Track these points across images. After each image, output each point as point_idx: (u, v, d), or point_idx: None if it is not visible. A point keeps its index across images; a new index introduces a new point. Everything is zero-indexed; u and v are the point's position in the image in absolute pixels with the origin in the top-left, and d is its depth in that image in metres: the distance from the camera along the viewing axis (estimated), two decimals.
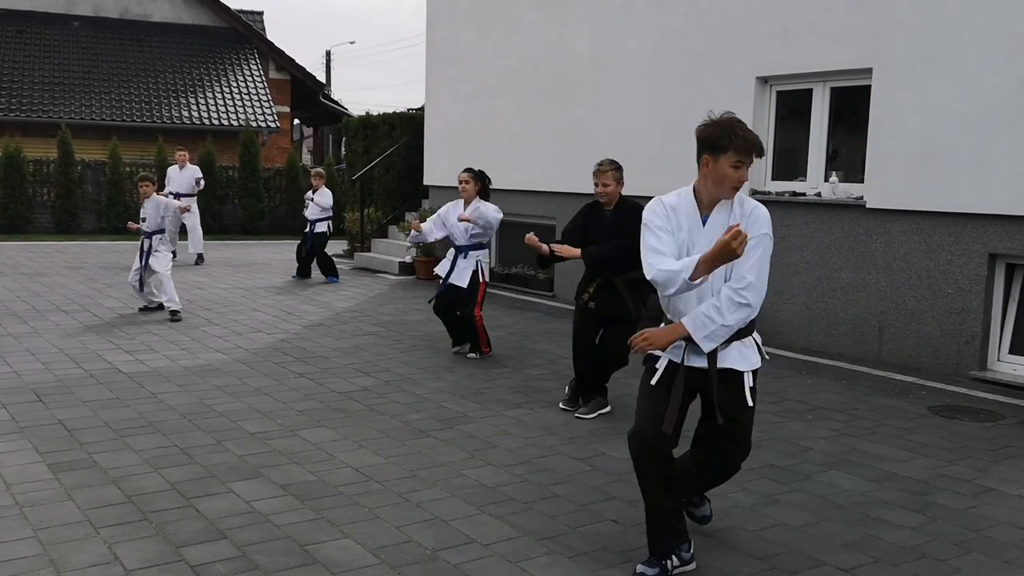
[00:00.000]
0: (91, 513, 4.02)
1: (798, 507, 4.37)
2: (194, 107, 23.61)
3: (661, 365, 3.59)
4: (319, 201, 12.33)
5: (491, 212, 7.57)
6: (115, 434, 5.21)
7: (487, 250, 7.87)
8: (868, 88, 7.86)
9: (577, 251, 6.01)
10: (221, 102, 24.05)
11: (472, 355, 7.70)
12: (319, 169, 13.54)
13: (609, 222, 5.97)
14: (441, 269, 7.79)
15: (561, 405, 6.15)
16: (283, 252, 16.43)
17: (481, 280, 7.62)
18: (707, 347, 3.43)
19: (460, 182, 7.75)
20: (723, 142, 3.42)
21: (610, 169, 5.99)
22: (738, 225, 3.19)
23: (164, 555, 3.62)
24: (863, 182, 7.95)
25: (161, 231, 9.43)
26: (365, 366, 7.22)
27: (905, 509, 4.38)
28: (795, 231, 8.29)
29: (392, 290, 11.73)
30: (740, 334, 3.51)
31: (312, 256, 12.48)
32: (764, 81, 8.70)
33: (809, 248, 8.25)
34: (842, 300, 8.06)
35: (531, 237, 6.27)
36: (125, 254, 14.76)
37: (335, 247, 14.07)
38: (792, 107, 8.75)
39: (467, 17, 12.62)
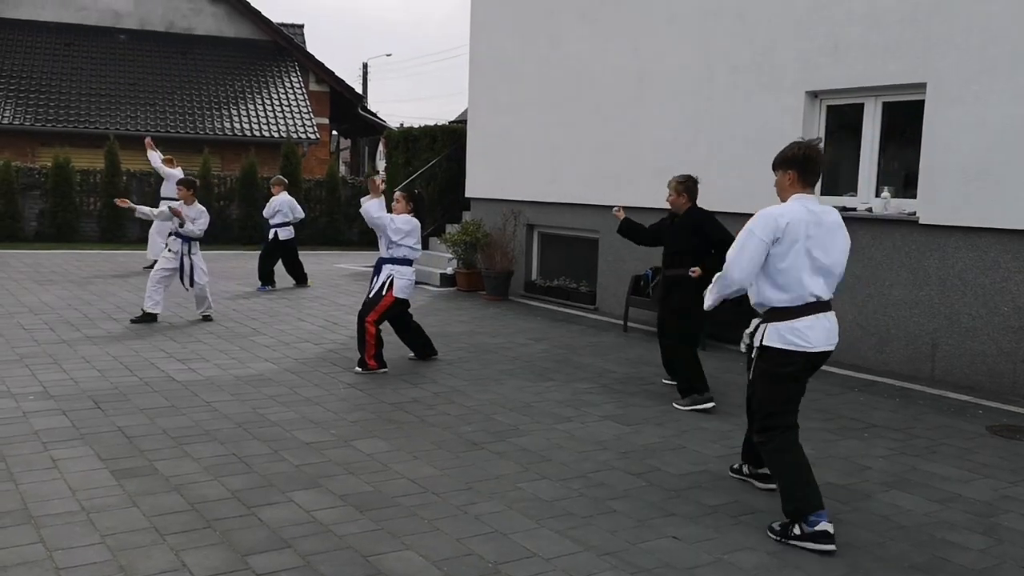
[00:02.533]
0: (156, 520, 4.07)
1: (861, 527, 4.31)
2: (236, 119, 23.92)
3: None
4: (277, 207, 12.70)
5: (372, 211, 7.36)
6: (173, 442, 5.27)
7: (409, 269, 7.50)
8: (921, 103, 7.78)
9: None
10: (263, 114, 24.34)
11: (358, 369, 7.33)
12: (280, 176, 13.59)
13: (673, 227, 6.84)
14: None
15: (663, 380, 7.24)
16: (324, 263, 16.56)
17: (386, 293, 7.35)
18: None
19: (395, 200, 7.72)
20: None
21: (674, 182, 6.77)
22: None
23: (231, 563, 3.65)
24: (915, 197, 7.87)
25: (195, 239, 9.60)
26: (413, 377, 7.24)
27: (971, 531, 4.31)
28: None
29: (435, 301, 11.77)
30: (763, 317, 4.26)
31: (281, 264, 12.73)
32: (814, 95, 8.64)
33: (860, 264, 8.16)
34: (894, 317, 7.96)
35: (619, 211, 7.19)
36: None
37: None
38: (842, 121, 8.69)
39: (510, 30, 12.68)
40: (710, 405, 6.48)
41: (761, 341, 4.24)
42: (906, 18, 7.79)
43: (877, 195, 8.21)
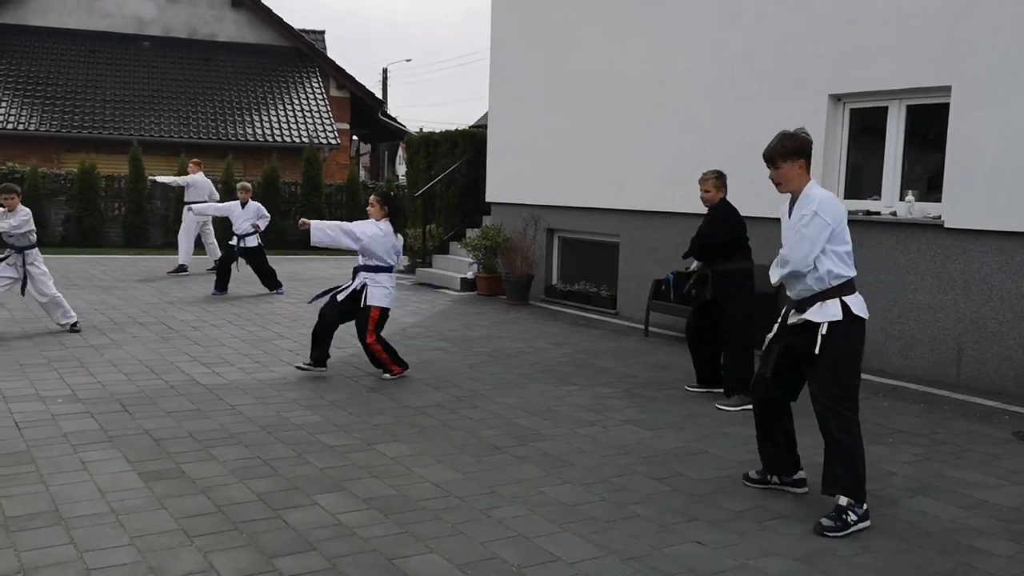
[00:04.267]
0: (184, 522, 4.11)
1: (888, 533, 4.29)
2: (258, 124, 24.11)
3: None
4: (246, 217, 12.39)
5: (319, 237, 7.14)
6: (199, 445, 5.32)
7: (385, 275, 7.29)
8: (946, 106, 7.73)
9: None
10: (284, 119, 24.52)
11: (387, 375, 7.31)
12: (245, 183, 13.23)
13: (709, 221, 6.94)
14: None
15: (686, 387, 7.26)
16: (344, 267, 16.59)
17: (365, 304, 7.19)
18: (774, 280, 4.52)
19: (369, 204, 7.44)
20: None
21: (711, 178, 6.94)
22: None
23: (258, 565, 3.69)
24: (940, 201, 7.82)
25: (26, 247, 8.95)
26: (435, 381, 7.27)
27: (999, 537, 4.28)
28: (869, 251, 8.16)
29: (455, 306, 11.81)
30: (824, 294, 4.34)
31: (260, 271, 12.50)
32: (837, 99, 8.61)
33: (883, 268, 8.11)
34: (918, 321, 7.91)
35: None
36: (192, 268, 15.08)
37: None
38: (865, 125, 8.65)
39: (531, 37, 12.71)
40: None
41: (836, 316, 4.32)
42: (931, 21, 7.75)
43: (901, 199, 8.17)
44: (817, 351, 4.32)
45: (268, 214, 12.82)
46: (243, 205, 12.51)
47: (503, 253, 12.79)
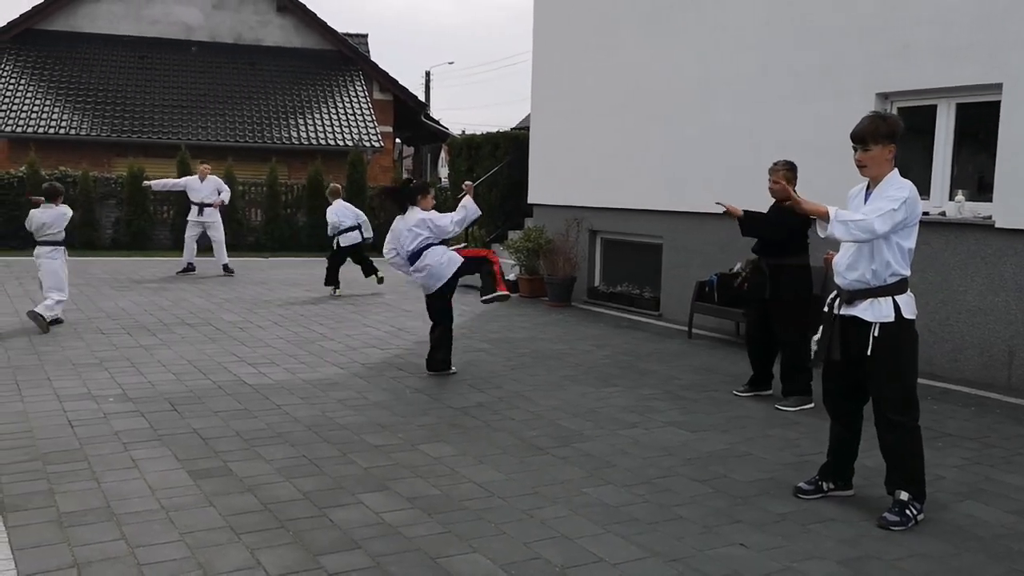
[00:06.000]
0: (232, 519, 4.18)
1: (936, 537, 4.23)
2: (303, 128, 24.38)
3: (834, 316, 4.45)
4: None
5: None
6: (246, 444, 5.41)
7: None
8: (997, 104, 7.59)
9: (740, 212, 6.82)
10: (328, 123, 24.76)
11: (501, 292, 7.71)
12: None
13: (777, 213, 6.77)
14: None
15: (735, 392, 7.14)
16: (388, 269, 16.73)
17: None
18: (830, 229, 4.19)
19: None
20: None
21: (782, 169, 6.78)
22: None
23: (304, 563, 3.74)
24: (991, 201, 7.67)
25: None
26: (478, 382, 7.30)
27: None
28: (917, 251, 7.85)
29: (497, 308, 11.80)
30: (877, 291, 4.28)
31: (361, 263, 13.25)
32: (885, 97, 8.49)
33: (932, 269, 7.98)
34: (968, 323, 7.77)
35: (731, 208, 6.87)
36: (239, 271, 15.31)
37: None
38: (913, 123, 8.50)
39: (573, 39, 12.71)
40: (811, 406, 6.55)
41: (888, 318, 4.28)
42: (980, 19, 7.61)
43: (951, 198, 8.03)
44: (870, 352, 4.27)
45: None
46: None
47: (545, 255, 12.80)
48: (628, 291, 11.96)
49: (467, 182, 8.10)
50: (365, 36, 30.79)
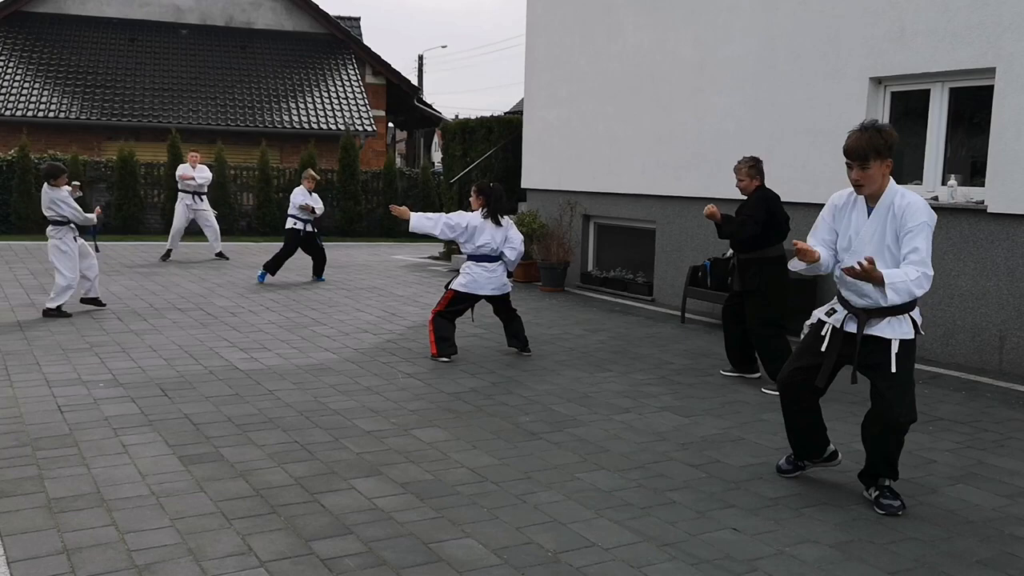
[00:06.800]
0: (223, 505, 4.16)
1: (927, 521, 4.23)
2: (295, 111, 24.25)
3: (826, 331, 4.32)
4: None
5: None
6: (238, 429, 5.38)
7: (470, 263, 7.62)
8: (990, 88, 7.58)
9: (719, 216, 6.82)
10: (320, 107, 24.63)
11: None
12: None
13: (745, 209, 6.82)
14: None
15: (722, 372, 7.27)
16: (381, 254, 16.74)
17: (448, 289, 7.66)
18: (891, 298, 4.00)
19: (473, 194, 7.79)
20: None
21: (745, 167, 6.80)
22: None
23: (295, 548, 3.73)
24: (983, 185, 7.67)
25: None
26: (471, 367, 7.28)
27: None
28: None
29: None
30: (894, 310, 4.14)
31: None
32: (878, 82, 8.46)
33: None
34: (960, 308, 7.78)
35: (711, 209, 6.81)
36: (231, 255, 15.26)
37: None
38: (907, 108, 8.49)
39: (567, 22, 12.64)
40: None
41: (908, 335, 4.22)
42: (975, 2, 7.58)
43: (943, 183, 8.02)
44: (894, 370, 4.16)
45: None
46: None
47: (539, 240, 12.77)
48: (622, 276, 11.95)
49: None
50: (358, 19, 30.61)
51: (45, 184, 9.20)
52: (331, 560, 3.63)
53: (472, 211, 7.69)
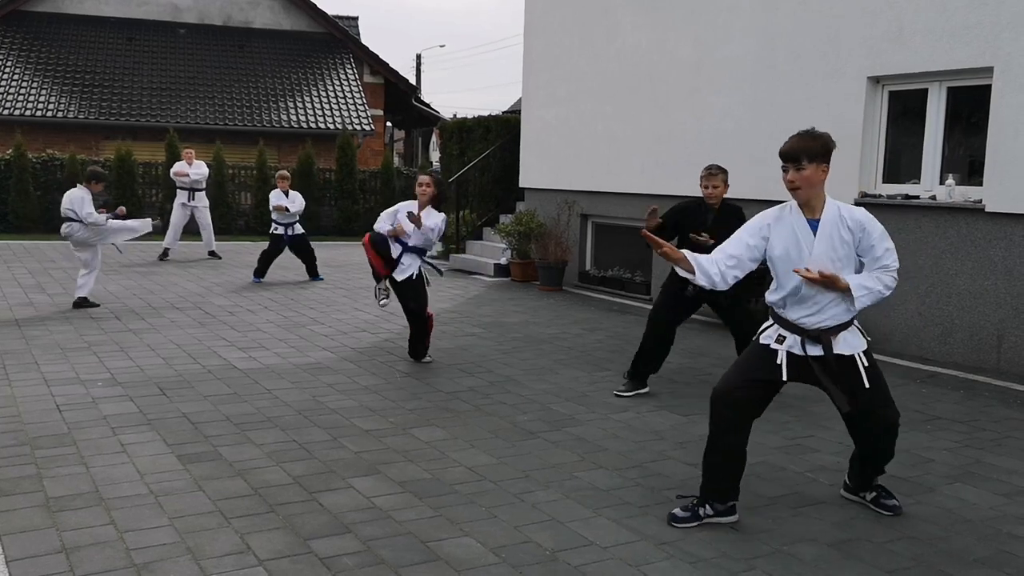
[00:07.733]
0: (221, 504, 4.17)
1: (925, 520, 4.24)
2: (293, 111, 24.23)
3: (782, 358, 4.06)
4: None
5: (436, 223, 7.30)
6: (236, 428, 5.38)
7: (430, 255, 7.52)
8: (988, 88, 7.58)
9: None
10: (318, 106, 24.62)
11: (426, 359, 7.41)
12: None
13: (714, 222, 6.31)
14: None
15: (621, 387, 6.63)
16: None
17: (425, 283, 7.43)
18: (859, 304, 3.94)
19: (420, 184, 7.40)
20: None
21: (720, 173, 6.41)
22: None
23: (294, 547, 3.73)
24: (981, 185, 7.68)
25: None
26: (469, 367, 7.29)
27: None
28: (907, 235, 8.04)
29: (489, 291, 11.82)
30: (845, 326, 4.03)
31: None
32: (876, 81, 8.47)
33: (922, 253, 8.00)
34: (958, 307, 7.79)
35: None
36: (229, 255, 15.26)
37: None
38: (905, 108, 8.50)
39: (565, 22, 12.64)
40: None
41: (863, 346, 4.08)
42: (973, 2, 7.59)
43: (941, 182, 8.03)
44: (868, 385, 4.02)
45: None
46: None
47: (537, 239, 12.78)
48: (619, 275, 11.96)
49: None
50: (355, 19, 30.61)
51: (79, 185, 9.41)
52: (329, 559, 3.63)
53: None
